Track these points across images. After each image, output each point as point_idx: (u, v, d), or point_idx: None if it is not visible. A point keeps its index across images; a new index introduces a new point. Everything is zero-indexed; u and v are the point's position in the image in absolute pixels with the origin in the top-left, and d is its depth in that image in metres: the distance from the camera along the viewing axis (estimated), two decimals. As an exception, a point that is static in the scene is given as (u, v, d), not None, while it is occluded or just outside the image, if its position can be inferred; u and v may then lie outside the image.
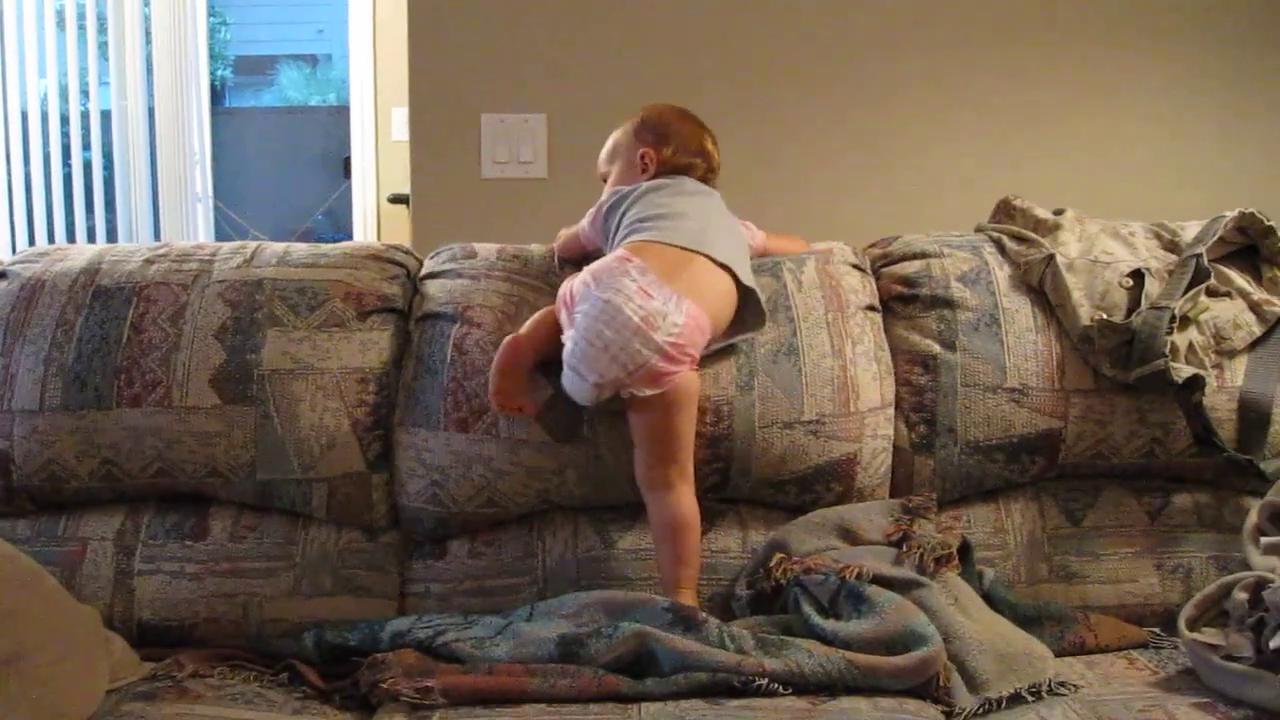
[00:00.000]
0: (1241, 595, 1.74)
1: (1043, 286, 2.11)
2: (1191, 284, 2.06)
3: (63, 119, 5.07)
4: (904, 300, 2.16)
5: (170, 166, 5.37)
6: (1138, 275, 2.11)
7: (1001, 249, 2.19)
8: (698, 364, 1.93)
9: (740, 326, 2.02)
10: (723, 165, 2.21)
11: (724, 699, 1.64)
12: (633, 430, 1.92)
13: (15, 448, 1.98)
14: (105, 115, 5.25)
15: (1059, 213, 2.24)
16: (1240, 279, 2.14)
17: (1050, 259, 2.11)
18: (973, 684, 1.70)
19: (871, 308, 2.14)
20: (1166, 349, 1.99)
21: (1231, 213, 2.15)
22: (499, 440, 1.99)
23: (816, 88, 2.96)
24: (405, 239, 3.01)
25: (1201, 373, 2.00)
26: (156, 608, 1.95)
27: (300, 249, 2.16)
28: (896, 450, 2.08)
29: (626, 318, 1.83)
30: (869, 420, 2.04)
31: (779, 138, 2.94)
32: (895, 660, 1.68)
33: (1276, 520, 1.89)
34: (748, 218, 2.20)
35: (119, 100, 5.22)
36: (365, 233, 5.58)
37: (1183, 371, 1.99)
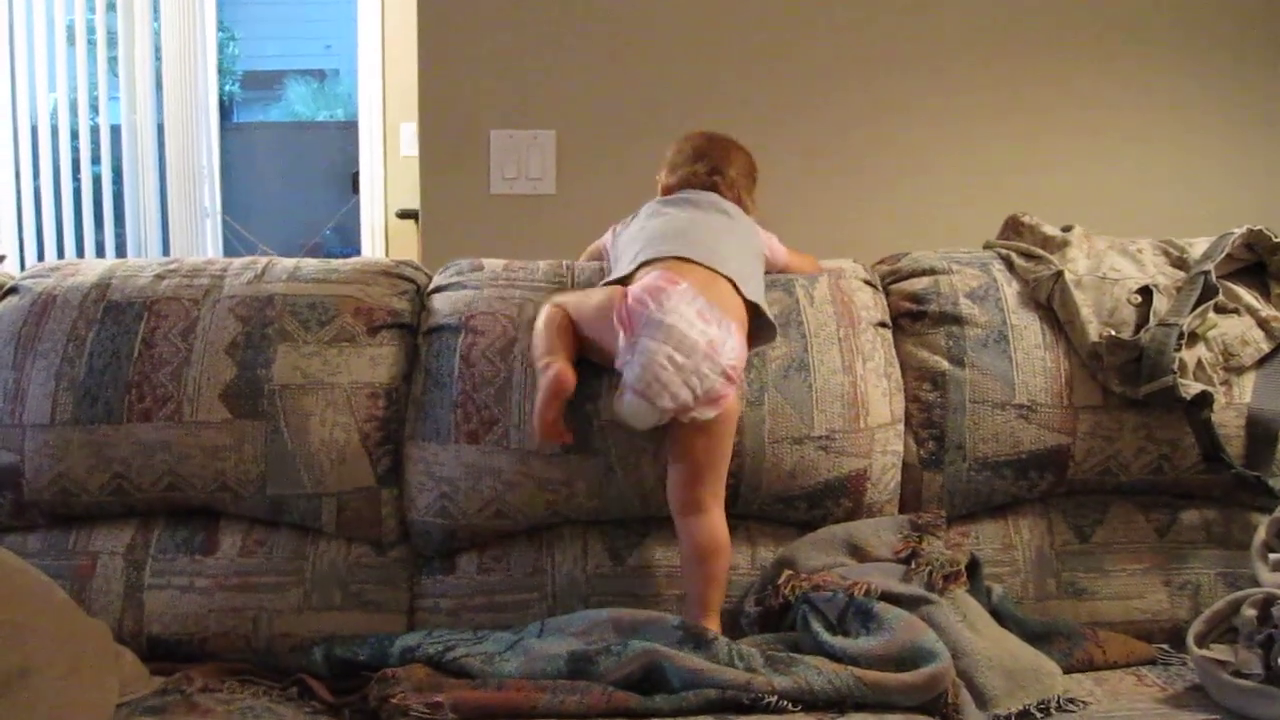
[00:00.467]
0: (1251, 612, 1.74)
1: (1051, 303, 2.12)
2: (1200, 300, 2.07)
3: (72, 134, 5.10)
4: (913, 317, 2.16)
5: (179, 181, 5.39)
6: (1146, 292, 2.11)
7: (1010, 266, 2.19)
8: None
9: (755, 340, 2.02)
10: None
11: (733, 716, 1.64)
12: (678, 453, 1.92)
13: (26, 462, 1.99)
14: (115, 130, 5.27)
15: (1067, 229, 2.25)
16: (1248, 296, 2.14)
17: (1059, 276, 2.11)
18: (981, 700, 1.70)
19: (883, 324, 2.14)
20: (1175, 365, 1.99)
21: (1239, 229, 2.16)
22: (509, 451, 1.99)
23: (824, 104, 2.97)
24: (413, 254, 3.02)
25: (1210, 389, 2.01)
26: (166, 622, 1.95)
27: (311, 264, 2.17)
28: (905, 466, 2.08)
29: (694, 343, 1.84)
30: (879, 436, 2.04)
31: (786, 153, 2.93)
32: (904, 677, 1.67)
33: (1285, 537, 1.89)
34: (758, 230, 2.20)
35: (128, 115, 5.24)
36: (373, 248, 5.58)
37: (1191, 388, 1.99)
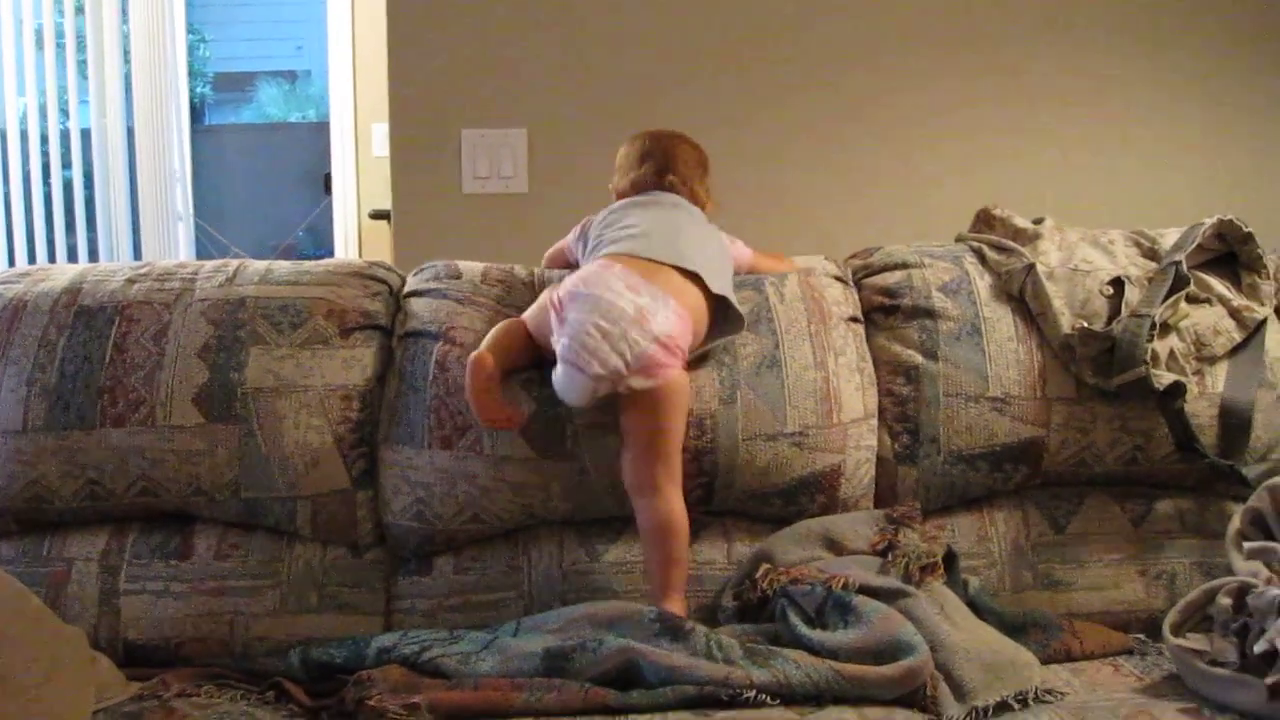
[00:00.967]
0: (1225, 600, 1.75)
1: (1023, 296, 2.12)
2: (1171, 291, 2.07)
3: (42, 138, 5.06)
4: (885, 311, 2.16)
5: (150, 184, 5.34)
6: (1118, 283, 2.12)
7: (982, 259, 2.20)
8: (686, 365, 1.95)
9: (720, 331, 2.03)
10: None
11: (712, 710, 1.64)
12: (624, 432, 1.93)
13: (-2, 469, 1.98)
14: (85, 134, 5.23)
15: (1038, 222, 2.25)
16: (1220, 285, 2.15)
17: (1031, 268, 2.12)
18: (960, 693, 1.70)
19: (854, 319, 2.14)
20: (1147, 356, 1.99)
21: (1210, 220, 2.16)
22: (483, 457, 1.98)
23: (794, 99, 2.97)
24: (387, 255, 3.01)
25: (1182, 379, 2.01)
26: (142, 627, 1.94)
27: (282, 267, 2.16)
28: (880, 461, 2.09)
29: (621, 309, 1.87)
30: (852, 431, 2.05)
31: (757, 149, 2.94)
32: (883, 670, 1.68)
33: (1259, 525, 1.90)
34: (726, 229, 2.20)
35: (98, 119, 5.20)
36: (346, 249, 5.55)
37: (1164, 378, 2.00)
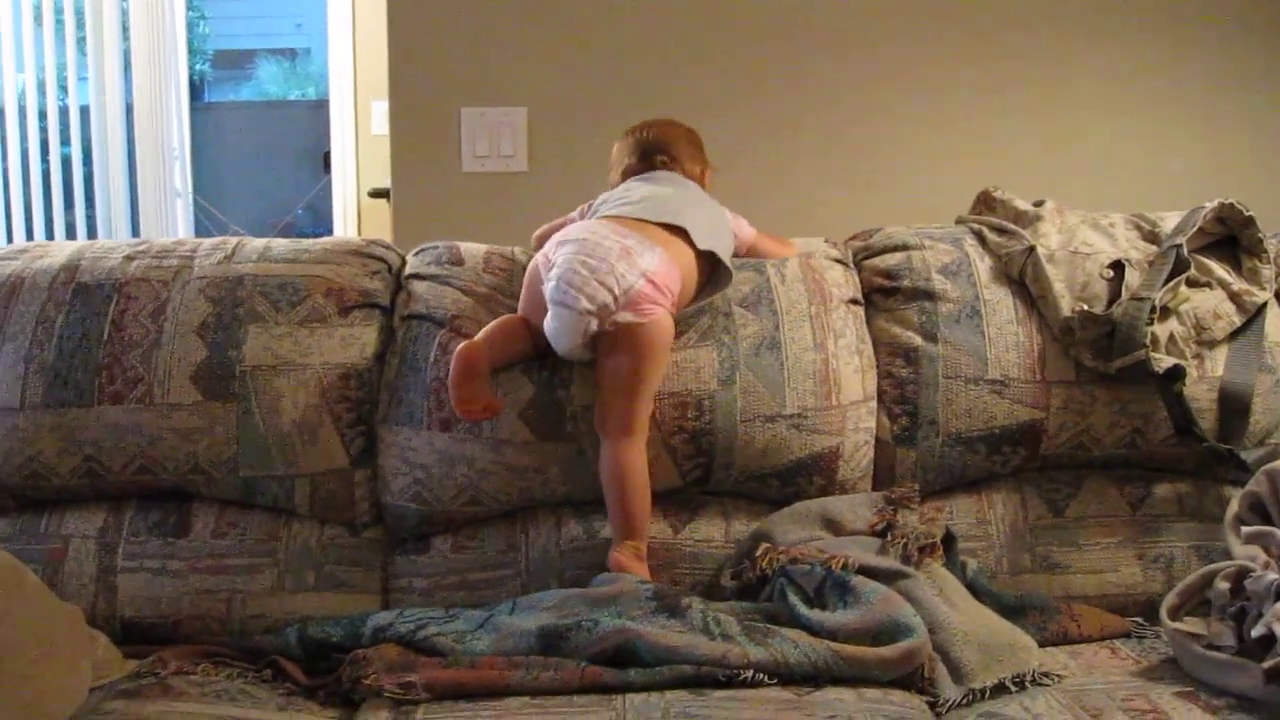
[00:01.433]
0: (1223, 584, 1.75)
1: (1023, 278, 2.12)
2: (1172, 275, 2.07)
3: (40, 114, 5.04)
4: (885, 293, 2.16)
5: (149, 162, 5.33)
6: (1118, 266, 2.11)
7: (982, 241, 2.19)
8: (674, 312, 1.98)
9: (711, 291, 2.05)
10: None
11: (709, 689, 1.64)
12: (601, 375, 1.95)
13: (-4, 446, 1.98)
14: (84, 110, 5.21)
15: (1039, 204, 2.25)
16: (1220, 269, 2.15)
17: (1031, 251, 2.12)
18: (957, 674, 1.70)
19: (854, 301, 2.14)
20: (1147, 339, 1.99)
21: (1211, 203, 2.16)
22: (481, 440, 1.98)
23: (794, 81, 2.96)
24: (386, 233, 3.00)
25: (1182, 363, 2.01)
26: (139, 605, 1.94)
27: (281, 244, 2.15)
28: (879, 443, 2.08)
29: (607, 248, 1.92)
30: (851, 413, 2.04)
31: (757, 130, 2.93)
32: (881, 651, 1.68)
33: (1257, 509, 1.89)
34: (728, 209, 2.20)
35: (97, 95, 5.18)
36: (345, 227, 5.55)
37: (1163, 362, 2.00)
